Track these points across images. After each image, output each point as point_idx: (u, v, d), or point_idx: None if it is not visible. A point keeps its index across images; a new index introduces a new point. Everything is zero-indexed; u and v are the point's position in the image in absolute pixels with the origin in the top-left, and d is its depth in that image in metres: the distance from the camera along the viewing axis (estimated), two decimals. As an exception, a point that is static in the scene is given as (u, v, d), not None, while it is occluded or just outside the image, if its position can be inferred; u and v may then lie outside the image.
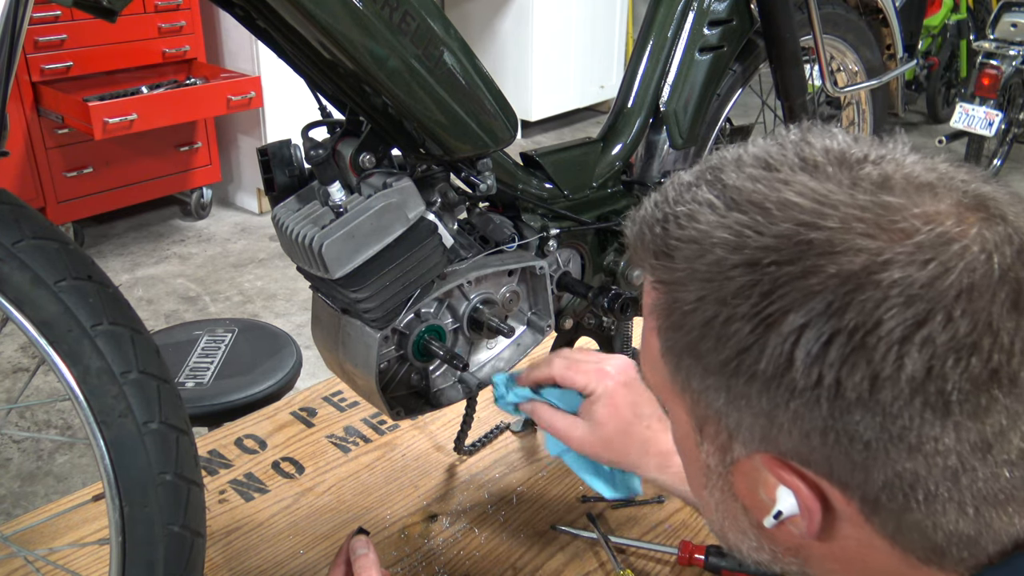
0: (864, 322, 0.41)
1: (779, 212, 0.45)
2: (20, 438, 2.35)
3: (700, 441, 0.53)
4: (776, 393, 0.45)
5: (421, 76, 0.83)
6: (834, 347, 0.42)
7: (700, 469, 0.54)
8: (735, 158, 0.51)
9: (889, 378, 0.42)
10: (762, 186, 0.47)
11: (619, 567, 1.07)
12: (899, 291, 0.41)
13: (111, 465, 0.76)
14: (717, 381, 0.47)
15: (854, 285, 0.42)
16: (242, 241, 3.67)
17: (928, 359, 0.41)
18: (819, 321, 0.42)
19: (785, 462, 0.47)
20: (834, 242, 0.43)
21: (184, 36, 3.45)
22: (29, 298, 0.72)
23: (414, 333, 0.95)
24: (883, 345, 0.41)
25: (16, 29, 0.70)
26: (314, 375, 2.42)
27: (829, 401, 0.43)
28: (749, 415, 0.47)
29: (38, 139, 3.19)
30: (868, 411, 0.43)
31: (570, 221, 1.08)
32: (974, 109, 3.98)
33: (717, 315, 0.46)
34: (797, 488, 0.47)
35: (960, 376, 0.41)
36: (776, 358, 0.44)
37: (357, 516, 1.17)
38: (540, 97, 4.90)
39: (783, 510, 0.48)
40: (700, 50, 1.20)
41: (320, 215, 0.89)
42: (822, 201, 0.44)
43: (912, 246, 0.42)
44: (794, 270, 0.43)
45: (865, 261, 0.42)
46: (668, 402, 0.55)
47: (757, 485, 0.50)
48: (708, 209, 0.48)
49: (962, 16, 5.09)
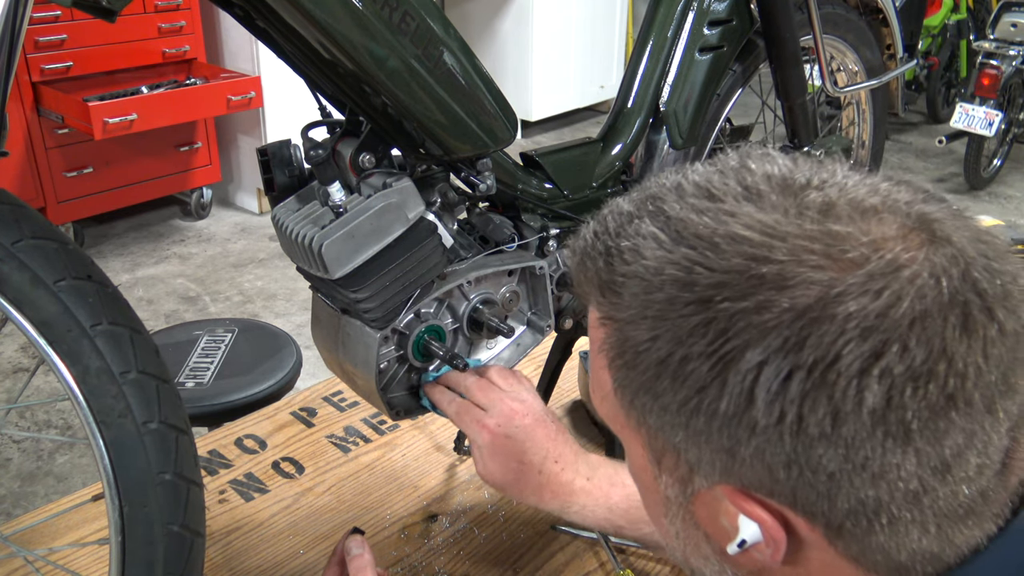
0: (823, 357, 0.41)
1: (728, 247, 0.44)
2: (20, 438, 2.35)
3: (658, 474, 0.52)
4: (737, 430, 0.44)
5: (421, 76, 0.83)
6: (794, 383, 0.42)
7: (659, 500, 0.54)
8: (675, 186, 0.50)
9: (851, 412, 0.42)
10: (708, 219, 0.46)
11: (619, 567, 1.07)
12: (855, 324, 0.41)
13: (111, 465, 0.76)
14: (675, 419, 0.47)
15: (809, 320, 0.42)
16: (242, 241, 3.67)
17: (887, 390, 0.41)
18: (777, 357, 0.42)
19: (748, 494, 0.47)
20: (786, 275, 0.43)
21: (184, 36, 3.45)
22: (29, 298, 0.72)
23: (414, 333, 0.95)
24: (843, 380, 0.41)
25: (16, 29, 0.70)
26: (314, 375, 2.42)
27: (792, 436, 0.43)
28: (709, 451, 0.46)
29: (38, 139, 3.19)
30: (831, 445, 0.43)
31: (570, 221, 1.08)
32: (974, 109, 3.98)
33: (672, 354, 0.45)
34: (761, 519, 0.47)
35: (919, 404, 0.42)
36: (736, 396, 0.43)
37: (357, 516, 1.17)
38: (540, 97, 4.90)
39: (747, 539, 0.48)
40: (700, 50, 1.20)
41: (320, 215, 0.89)
42: (770, 233, 0.44)
43: (864, 276, 0.42)
44: (748, 305, 0.43)
45: (818, 293, 0.42)
46: (622, 435, 0.55)
47: (719, 514, 0.50)
48: (653, 243, 0.47)
49: (962, 16, 5.09)
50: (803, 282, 0.42)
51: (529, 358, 1.12)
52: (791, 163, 0.50)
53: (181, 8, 3.41)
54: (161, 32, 3.38)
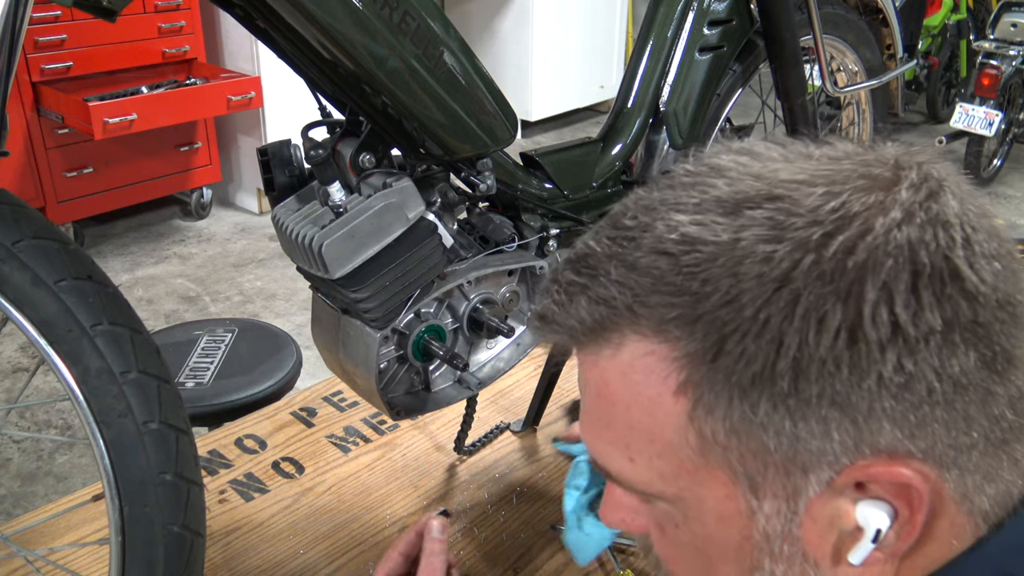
0: (936, 253, 0.41)
1: (790, 192, 0.43)
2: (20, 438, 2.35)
3: (756, 506, 0.46)
4: (884, 365, 0.41)
5: (421, 76, 0.83)
6: (922, 288, 0.41)
7: (747, 553, 0.47)
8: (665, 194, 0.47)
9: (980, 295, 0.42)
10: (750, 182, 0.45)
11: (619, 567, 1.07)
12: (933, 219, 0.42)
13: (111, 465, 0.76)
14: (803, 399, 0.42)
15: (898, 228, 0.42)
16: (242, 241, 3.67)
17: (995, 270, 0.42)
18: (895, 271, 0.41)
19: (882, 461, 0.43)
20: (855, 201, 0.43)
21: (184, 36, 3.44)
22: (29, 298, 0.72)
23: (414, 333, 0.95)
24: (964, 266, 0.42)
25: (16, 29, 0.70)
26: (314, 375, 2.42)
27: (939, 347, 0.41)
28: (837, 420, 0.42)
29: (38, 139, 3.19)
30: (968, 341, 0.42)
31: (570, 221, 1.08)
32: (974, 109, 3.98)
33: (792, 313, 0.41)
34: (903, 479, 0.43)
35: (1014, 284, 0.43)
36: (880, 327, 0.41)
37: (357, 516, 1.17)
38: (540, 97, 4.90)
39: (881, 527, 0.44)
40: (700, 50, 1.20)
41: (320, 215, 0.89)
42: (814, 172, 0.45)
43: (909, 188, 0.43)
44: (846, 236, 0.42)
45: (891, 210, 0.42)
46: (685, 490, 0.47)
47: (831, 522, 0.45)
48: (700, 227, 0.44)
49: (962, 16, 5.09)
50: (870, 204, 0.43)
51: (529, 358, 1.13)
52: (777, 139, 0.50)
53: (181, 8, 3.40)
54: (161, 32, 3.38)
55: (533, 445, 1.33)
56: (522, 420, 1.36)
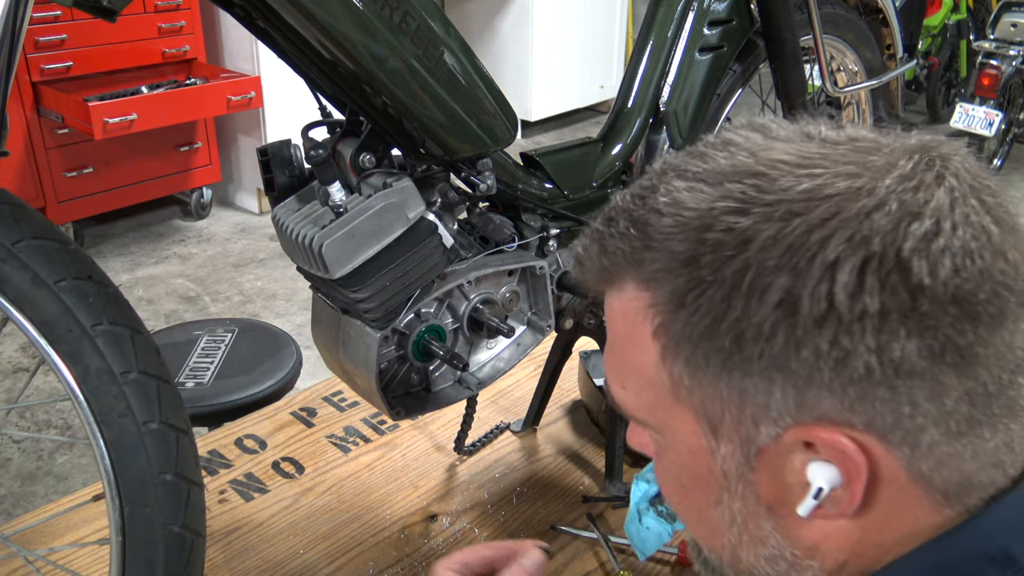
0: (891, 242, 0.43)
1: (772, 171, 0.47)
2: (20, 438, 2.35)
3: (715, 447, 0.50)
4: (818, 340, 0.44)
5: (421, 76, 0.83)
6: (869, 273, 0.43)
7: (709, 485, 0.52)
8: (688, 154, 0.52)
9: (927, 288, 0.43)
10: (742, 157, 0.49)
11: (619, 567, 1.07)
12: (906, 210, 0.44)
13: (111, 465, 0.76)
14: (745, 357, 0.46)
15: (865, 216, 0.44)
16: (242, 241, 3.67)
17: (954, 264, 0.44)
18: (847, 253, 0.44)
19: (823, 426, 0.46)
20: (832, 185, 0.45)
21: (184, 36, 3.44)
22: (29, 298, 0.72)
23: (414, 333, 0.95)
24: (915, 258, 0.43)
25: (16, 29, 0.70)
26: (314, 375, 2.42)
27: (875, 331, 0.44)
28: (781, 383, 0.46)
29: (38, 139, 3.19)
30: (911, 330, 0.43)
31: (570, 221, 1.08)
32: (974, 109, 3.98)
33: (740, 282, 0.45)
34: (840, 447, 0.46)
35: (980, 280, 0.44)
36: (816, 303, 0.44)
37: (357, 516, 1.17)
38: (540, 97, 4.89)
39: (823, 485, 0.47)
40: (700, 50, 1.20)
41: (320, 215, 0.89)
42: (805, 154, 0.47)
43: (898, 176, 0.46)
44: (810, 216, 0.45)
45: (866, 194, 0.45)
46: (664, 420, 0.53)
47: (784, 472, 0.49)
48: (688, 193, 0.48)
49: (962, 16, 5.09)
50: (848, 189, 0.45)
51: (529, 358, 1.13)
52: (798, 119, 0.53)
53: (181, 8, 3.40)
54: (161, 32, 3.38)
55: (533, 445, 1.33)
56: (522, 420, 1.36)
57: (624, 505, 1.19)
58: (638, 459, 1.27)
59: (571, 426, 1.38)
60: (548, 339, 1.12)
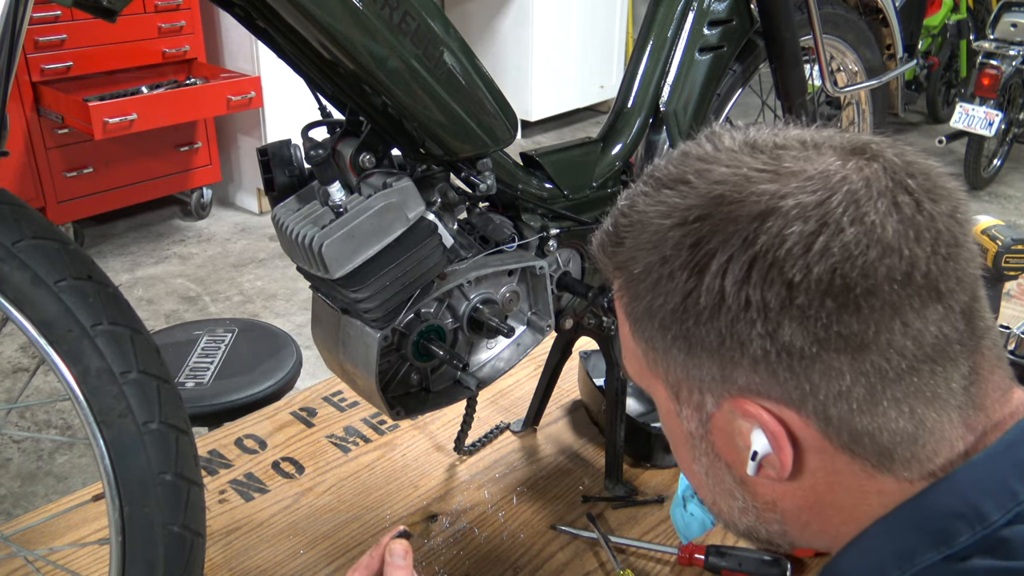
0: (773, 243, 0.49)
1: (696, 179, 0.54)
2: (20, 438, 2.35)
3: (679, 409, 0.58)
4: (719, 324, 0.51)
5: (421, 76, 0.83)
6: (755, 270, 0.49)
7: (686, 443, 0.59)
8: (652, 167, 0.59)
9: (801, 283, 0.48)
10: (683, 167, 0.55)
11: (619, 567, 1.07)
12: (796, 212, 0.49)
13: (111, 465, 0.76)
14: (675, 335, 0.54)
15: (760, 218, 0.50)
16: (242, 241, 3.67)
17: (832, 263, 0.48)
18: (739, 253, 0.50)
19: (746, 398, 0.53)
20: (742, 190, 0.51)
21: (184, 36, 3.45)
22: (29, 298, 0.72)
23: (414, 333, 0.95)
24: (791, 256, 0.49)
25: (16, 29, 0.70)
26: (314, 375, 2.42)
27: (762, 319, 0.50)
28: (707, 359, 0.53)
29: (38, 139, 3.19)
30: (792, 319, 0.49)
31: (570, 221, 1.08)
32: (974, 109, 3.98)
33: (661, 274, 0.53)
34: (760, 418, 0.52)
35: (859, 276, 0.48)
36: (712, 294, 0.51)
37: (357, 516, 1.17)
38: (540, 97, 4.90)
39: (758, 449, 0.53)
40: (700, 50, 1.20)
41: (320, 215, 0.89)
42: (731, 164, 0.53)
43: (803, 180, 0.51)
44: (714, 219, 0.51)
45: (767, 199, 0.50)
46: (648, 386, 0.61)
47: (733, 436, 0.55)
48: (643, 196, 0.57)
49: (962, 16, 5.09)
50: (753, 193, 0.51)
51: (529, 358, 1.13)
52: (754, 128, 0.59)
53: (181, 8, 3.40)
54: (161, 32, 3.38)
55: (533, 445, 1.33)
56: (522, 420, 1.36)
57: (624, 505, 1.19)
58: (638, 459, 1.28)
59: (571, 426, 1.38)
60: (548, 339, 1.12)
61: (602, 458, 1.28)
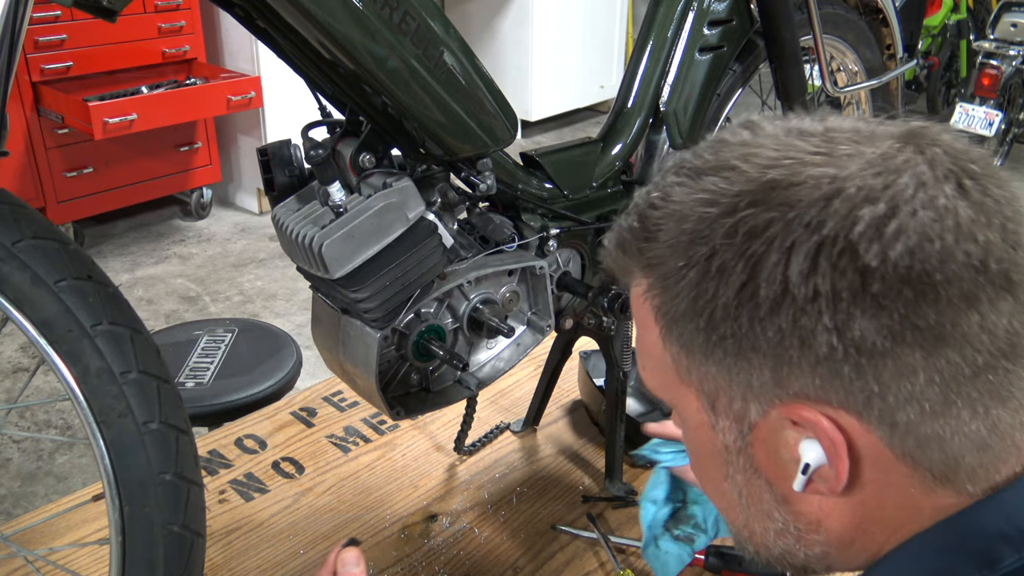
0: (842, 227, 0.45)
1: (743, 164, 0.50)
2: (20, 438, 2.35)
3: (715, 421, 0.53)
4: (779, 320, 0.46)
5: (421, 76, 0.83)
6: (822, 257, 0.45)
7: (718, 459, 0.55)
8: (682, 158, 0.55)
9: (877, 270, 0.45)
10: (725, 153, 0.51)
11: (619, 567, 1.07)
12: (864, 195, 0.46)
13: (111, 465, 0.76)
14: (723, 335, 0.49)
15: (824, 201, 0.46)
16: (242, 241, 3.67)
17: (908, 246, 0.44)
18: (803, 239, 0.46)
19: (802, 403, 0.48)
20: (798, 173, 0.47)
21: (184, 36, 3.44)
22: (29, 298, 0.72)
23: (414, 333, 0.95)
24: (864, 240, 0.45)
25: (16, 29, 0.70)
26: (314, 375, 2.42)
27: (831, 311, 0.45)
28: (758, 362, 0.48)
29: (38, 139, 3.19)
30: (866, 311, 0.45)
31: (570, 221, 1.08)
32: (974, 109, 3.98)
33: (709, 267, 0.48)
34: (819, 425, 0.48)
35: (939, 261, 0.44)
36: (773, 285, 0.46)
37: (357, 516, 1.17)
38: (540, 97, 4.90)
39: (810, 462, 0.49)
40: (700, 50, 1.20)
41: (320, 215, 0.89)
42: (779, 148, 0.50)
43: (864, 163, 0.47)
44: (768, 204, 0.47)
45: (828, 182, 0.47)
46: (676, 398, 0.56)
47: (778, 448, 0.51)
48: (678, 187, 0.52)
49: (962, 16, 5.09)
50: (811, 176, 0.47)
51: (529, 358, 1.13)
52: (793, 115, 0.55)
53: (181, 8, 3.40)
54: (161, 32, 3.38)
55: (533, 445, 1.33)
56: (522, 420, 1.36)
57: (624, 505, 1.19)
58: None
59: (571, 426, 1.38)
60: (548, 339, 1.12)
61: (602, 458, 1.28)
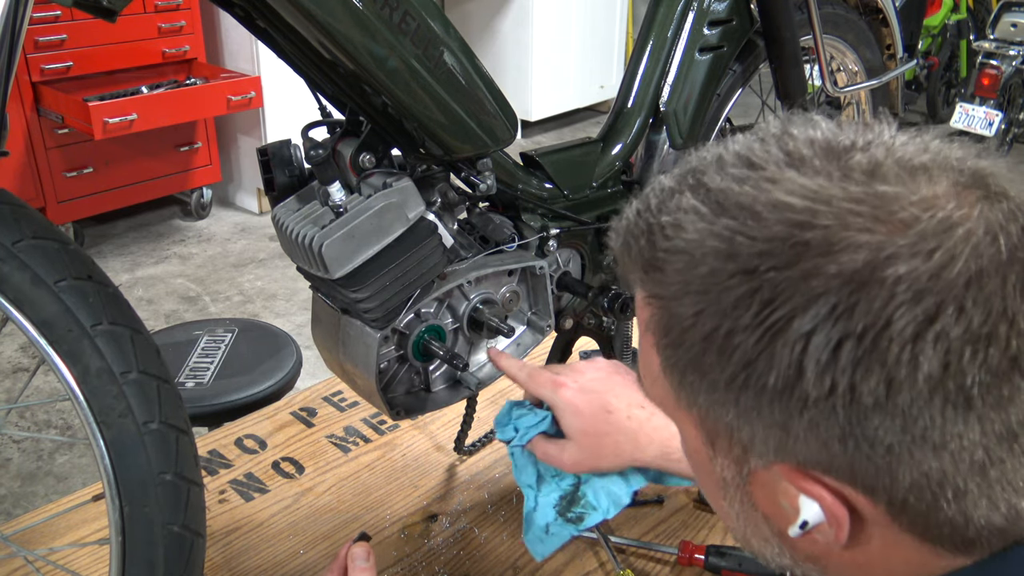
0: (873, 323, 0.40)
1: (770, 214, 0.43)
2: (20, 438, 2.35)
3: (713, 456, 0.51)
4: (789, 404, 0.43)
5: (421, 76, 0.83)
6: (844, 352, 0.40)
7: (716, 482, 0.53)
8: (716, 158, 0.48)
9: (906, 380, 0.40)
10: (748, 187, 0.45)
11: (619, 567, 1.07)
12: (906, 286, 0.39)
13: (111, 465, 0.76)
14: (724, 396, 0.45)
15: (858, 284, 0.40)
16: (242, 241, 3.67)
17: (944, 355, 0.39)
18: (826, 325, 0.40)
19: (806, 472, 0.45)
20: (831, 240, 0.41)
21: (184, 36, 3.45)
22: (29, 298, 0.72)
23: (414, 333, 0.95)
24: (895, 346, 0.40)
25: (16, 29, 0.70)
26: (314, 375, 2.42)
27: (845, 408, 0.41)
28: (762, 427, 0.45)
29: (38, 139, 3.19)
30: (887, 415, 0.41)
31: (570, 221, 1.08)
32: (974, 109, 3.98)
33: (718, 328, 0.44)
34: (821, 497, 0.45)
35: (979, 369, 0.40)
36: (785, 369, 0.42)
37: (357, 516, 1.17)
38: (540, 97, 4.90)
39: (808, 520, 0.46)
40: (700, 50, 1.20)
41: (320, 215, 0.89)
42: (814, 197, 0.42)
43: (915, 236, 0.40)
44: (793, 274, 0.41)
45: (867, 257, 0.40)
46: (674, 418, 0.54)
47: (777, 495, 0.48)
48: (694, 216, 0.46)
49: (962, 16, 5.09)
50: (850, 246, 0.41)
51: (529, 358, 1.12)
52: (835, 127, 0.48)
53: (181, 8, 3.41)
54: (161, 32, 3.38)
55: (533, 445, 1.33)
56: (522, 420, 1.36)
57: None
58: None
59: (571, 426, 1.38)
60: (548, 339, 1.12)
61: (602, 458, 1.28)
